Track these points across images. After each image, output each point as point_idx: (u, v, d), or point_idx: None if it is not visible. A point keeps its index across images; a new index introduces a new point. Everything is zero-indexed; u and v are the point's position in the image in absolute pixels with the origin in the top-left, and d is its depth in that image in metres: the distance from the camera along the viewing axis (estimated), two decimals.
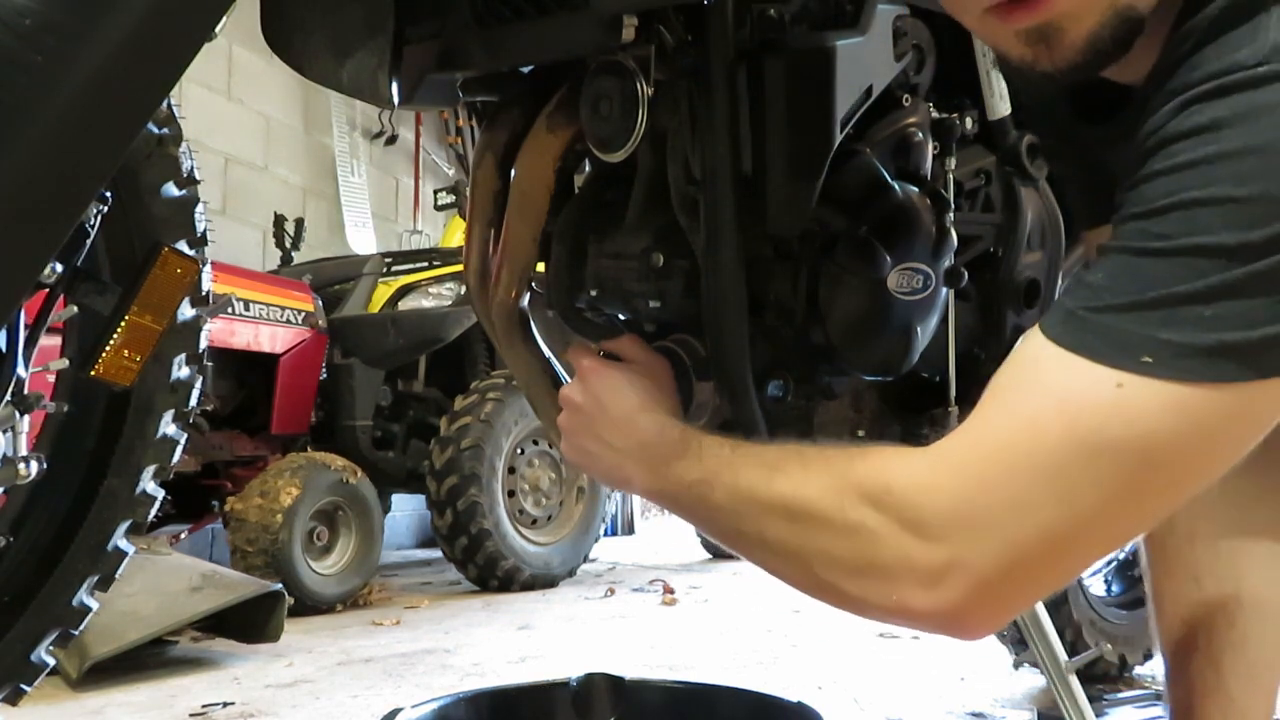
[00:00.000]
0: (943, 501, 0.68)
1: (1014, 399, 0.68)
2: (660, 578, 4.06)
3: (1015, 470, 0.66)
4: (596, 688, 1.19)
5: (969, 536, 0.67)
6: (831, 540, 0.73)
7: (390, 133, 6.01)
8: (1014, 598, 0.70)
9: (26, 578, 1.29)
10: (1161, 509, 0.69)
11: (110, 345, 1.16)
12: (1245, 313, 0.61)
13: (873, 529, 0.71)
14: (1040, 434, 0.66)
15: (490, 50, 1.09)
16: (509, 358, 1.18)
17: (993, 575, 0.67)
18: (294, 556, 3.23)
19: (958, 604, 0.68)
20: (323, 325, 3.91)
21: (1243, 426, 0.65)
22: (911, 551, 0.69)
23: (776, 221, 1.01)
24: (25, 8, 0.73)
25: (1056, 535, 0.66)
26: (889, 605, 0.71)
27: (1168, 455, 0.64)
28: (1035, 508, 0.66)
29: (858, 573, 0.72)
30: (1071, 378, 0.65)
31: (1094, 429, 0.64)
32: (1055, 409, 0.66)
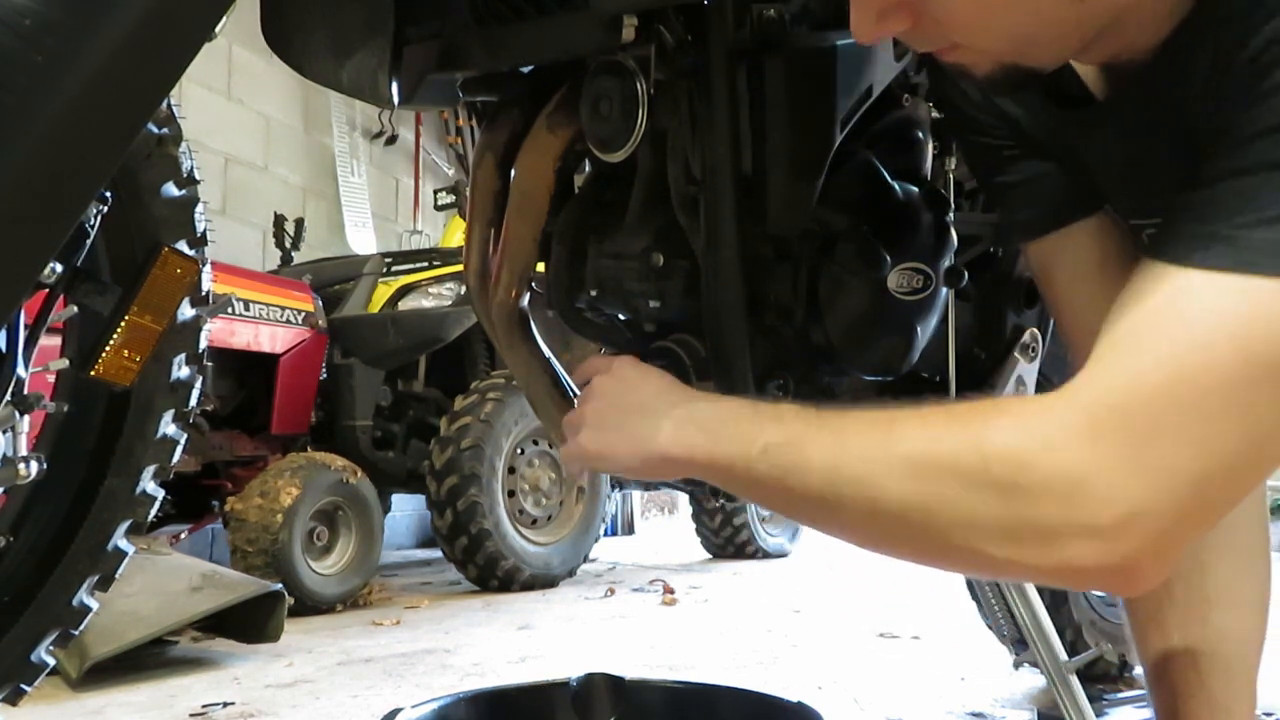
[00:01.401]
0: (1110, 454, 0.64)
1: (1160, 336, 0.64)
2: (660, 578, 4.06)
3: (1189, 406, 0.62)
4: (596, 688, 1.19)
5: (1148, 484, 0.63)
6: (977, 502, 0.67)
7: (390, 133, 6.02)
8: (1192, 535, 0.66)
9: (26, 578, 1.29)
10: None
11: (110, 345, 1.16)
12: None
13: (1028, 488, 0.65)
14: (1211, 362, 0.62)
15: (490, 50, 1.09)
16: (509, 358, 1.18)
17: (1177, 519, 0.64)
18: (294, 556, 3.23)
19: (1137, 554, 0.64)
20: (323, 325, 3.91)
21: None
22: (1080, 510, 0.64)
23: (776, 221, 1.01)
24: (25, 8, 0.73)
25: (1240, 464, 0.63)
26: (1048, 566, 0.66)
27: None
28: (1219, 440, 0.62)
29: (1010, 536, 0.67)
30: (1233, 297, 0.62)
31: (1267, 342, 0.61)
32: (1223, 332, 0.62)
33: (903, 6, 0.75)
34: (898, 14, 0.76)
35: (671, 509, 8.10)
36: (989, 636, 2.11)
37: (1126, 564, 0.65)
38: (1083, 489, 0.64)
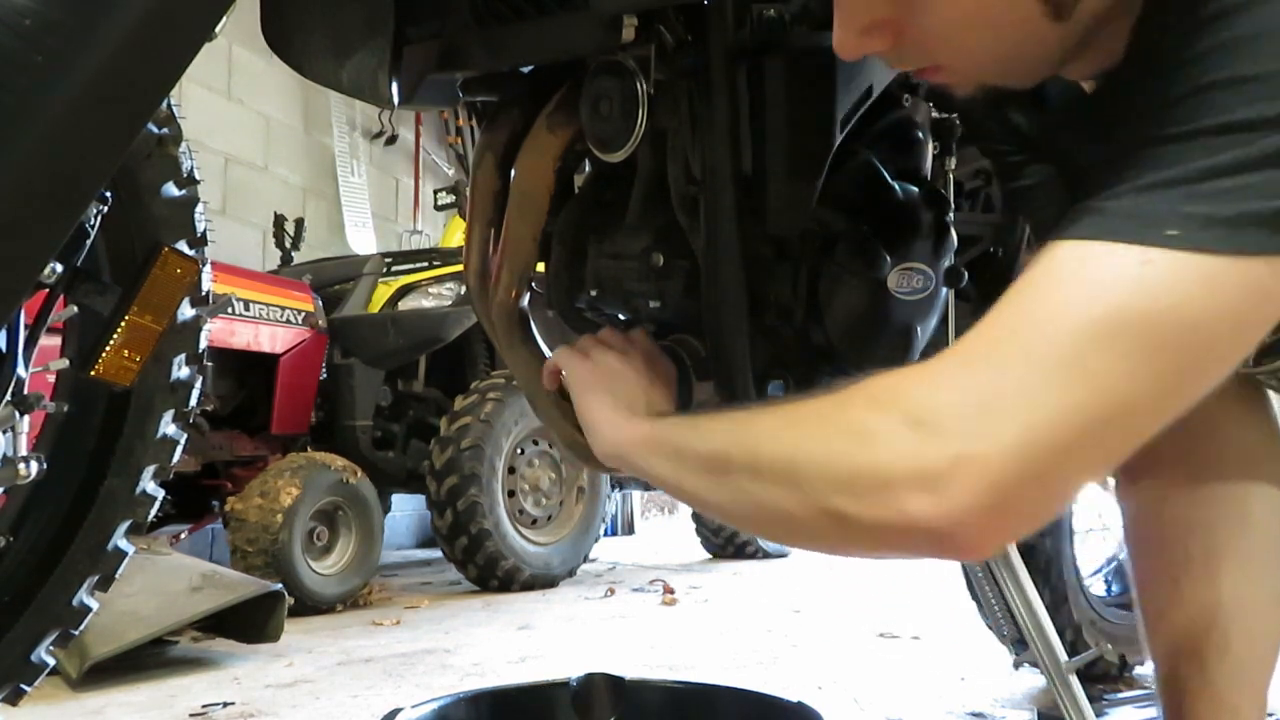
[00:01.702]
0: (951, 392, 0.63)
1: (1028, 295, 0.64)
2: (660, 578, 4.06)
3: (1032, 352, 0.62)
4: (596, 688, 1.19)
5: (980, 425, 0.61)
6: (827, 445, 0.67)
7: (390, 133, 6.02)
8: (1028, 499, 0.63)
9: (26, 578, 1.28)
10: (1185, 393, 0.63)
11: (110, 345, 1.16)
12: (1269, 184, 0.59)
13: (873, 428, 0.65)
14: (1059, 315, 0.62)
15: (490, 50, 1.09)
16: (509, 358, 1.18)
17: (1006, 470, 0.61)
18: (294, 556, 3.23)
19: (965, 506, 0.61)
20: (323, 325, 3.91)
21: (1271, 302, 0.62)
22: (914, 447, 0.63)
23: (776, 221, 1.01)
24: (25, 8, 0.73)
25: (1075, 421, 0.61)
26: (885, 518, 0.64)
27: (1194, 331, 0.61)
28: (1054, 390, 0.61)
29: (852, 481, 0.65)
30: (1092, 262, 0.62)
31: (1118, 305, 0.61)
32: (1076, 291, 0.62)
33: (885, 25, 0.76)
34: (880, 31, 0.76)
35: (671, 509, 8.10)
36: (989, 636, 2.11)
37: (958, 516, 0.62)
38: (920, 425, 0.63)
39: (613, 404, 0.92)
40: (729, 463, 0.75)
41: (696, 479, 0.80)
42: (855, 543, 0.68)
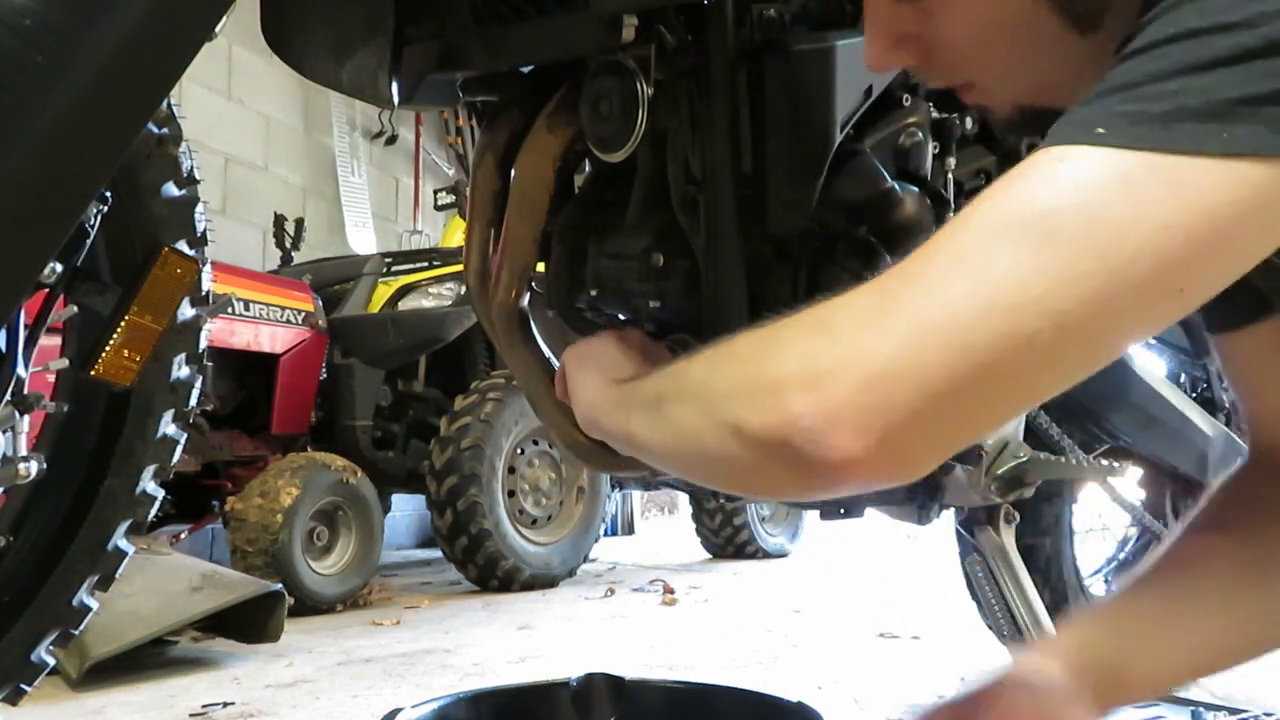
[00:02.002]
0: (860, 295, 0.60)
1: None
2: (660, 578, 4.06)
3: (938, 252, 0.58)
4: (596, 688, 1.19)
5: (873, 322, 0.58)
6: (742, 361, 0.65)
7: (390, 133, 6.02)
8: (911, 400, 0.57)
9: (26, 578, 1.28)
10: (1099, 297, 0.55)
11: (110, 345, 1.16)
12: (1215, 84, 0.54)
13: (782, 337, 0.62)
14: (970, 216, 0.58)
15: (490, 50, 1.09)
16: (509, 358, 1.18)
17: (888, 362, 0.56)
18: (294, 556, 3.23)
19: (842, 401, 0.57)
20: (323, 325, 3.91)
21: (1219, 215, 0.54)
22: (809, 348, 0.60)
23: (776, 221, 1.01)
24: (25, 8, 0.73)
25: (963, 312, 0.55)
26: (770, 422, 0.60)
27: (1102, 226, 0.54)
28: (944, 281, 0.57)
29: (749, 387, 0.62)
30: (1019, 167, 0.58)
31: (1023, 199, 0.56)
32: (991, 194, 0.59)
33: (912, 39, 0.76)
34: (908, 45, 0.77)
35: (671, 509, 8.10)
36: (989, 636, 2.11)
37: (833, 410, 0.57)
38: (819, 332, 0.60)
39: (597, 374, 0.91)
40: (664, 397, 0.73)
41: (640, 422, 0.77)
42: (746, 463, 0.64)
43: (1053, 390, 0.60)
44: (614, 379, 0.88)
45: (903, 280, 0.59)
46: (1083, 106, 0.58)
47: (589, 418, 0.90)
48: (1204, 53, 0.55)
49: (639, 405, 0.78)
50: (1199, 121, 0.54)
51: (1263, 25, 0.54)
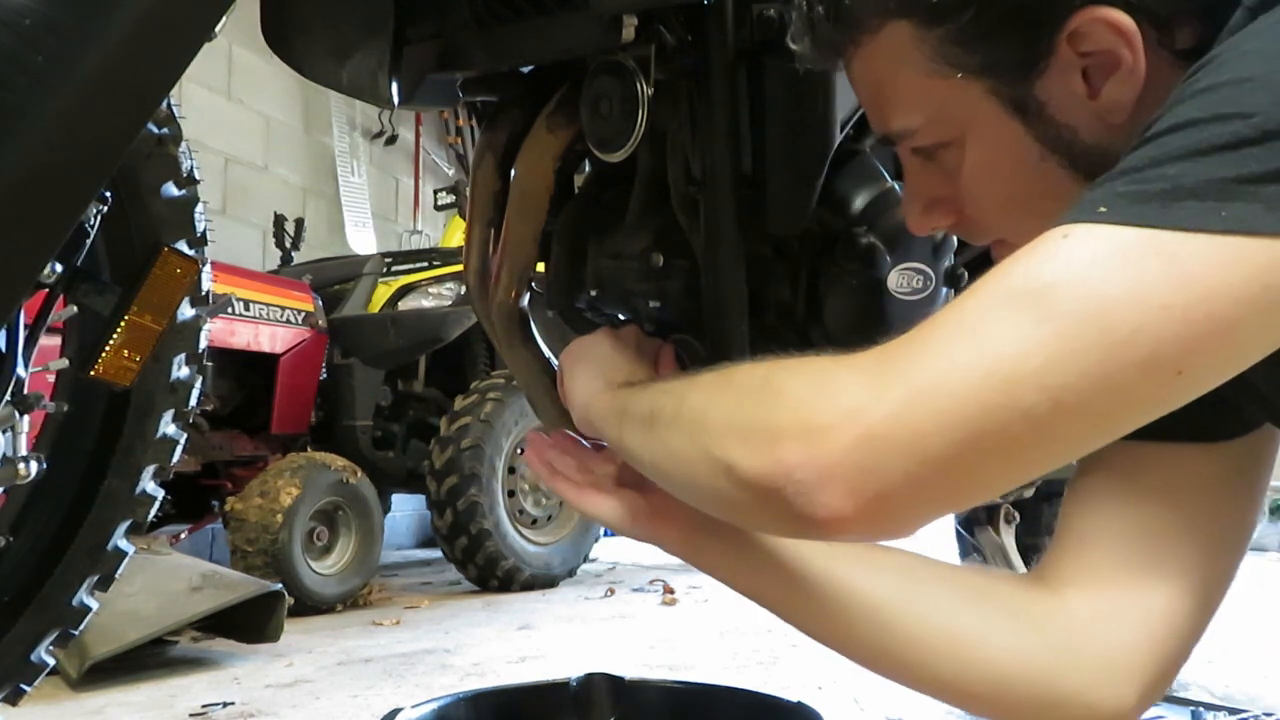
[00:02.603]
0: (861, 356, 0.61)
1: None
2: (660, 578, 4.06)
3: (940, 321, 0.60)
4: (596, 688, 1.19)
5: (873, 382, 0.59)
6: (741, 398, 0.66)
7: (390, 133, 6.02)
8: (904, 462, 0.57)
9: (26, 578, 1.29)
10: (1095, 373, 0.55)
11: (110, 345, 1.16)
12: (1210, 167, 0.55)
13: (784, 386, 0.63)
14: (977, 287, 0.60)
15: (490, 50, 1.09)
16: (509, 358, 1.18)
17: (883, 423, 0.57)
18: (294, 556, 3.23)
19: (835, 459, 0.58)
20: (323, 325, 3.91)
21: (1194, 293, 0.54)
22: (809, 400, 0.60)
23: (776, 221, 1.01)
24: (25, 8, 0.73)
25: (960, 380, 0.56)
26: (762, 467, 0.61)
27: (1100, 303, 0.55)
28: (945, 349, 0.58)
29: (745, 429, 0.63)
30: (1028, 245, 0.60)
31: (1027, 275, 0.57)
32: (1000, 270, 0.59)
33: (945, 202, 0.80)
34: (941, 208, 0.80)
35: None
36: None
37: (825, 465, 0.58)
38: (821, 386, 0.61)
39: (593, 376, 0.91)
40: (658, 416, 0.74)
41: (633, 435, 0.78)
42: (735, 500, 0.65)
43: (1047, 465, 0.60)
44: (610, 381, 0.89)
45: (907, 345, 0.60)
46: (1089, 191, 0.60)
47: (584, 419, 0.90)
48: (1202, 139, 0.56)
49: (633, 418, 0.79)
50: (1198, 200, 0.55)
51: (1257, 115, 0.55)
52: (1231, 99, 0.57)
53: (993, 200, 0.78)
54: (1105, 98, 0.71)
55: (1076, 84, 0.71)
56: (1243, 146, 0.55)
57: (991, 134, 0.74)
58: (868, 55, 0.77)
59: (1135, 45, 0.68)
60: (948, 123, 0.76)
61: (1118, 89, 0.70)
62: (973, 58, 0.72)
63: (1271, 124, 0.55)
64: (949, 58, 0.73)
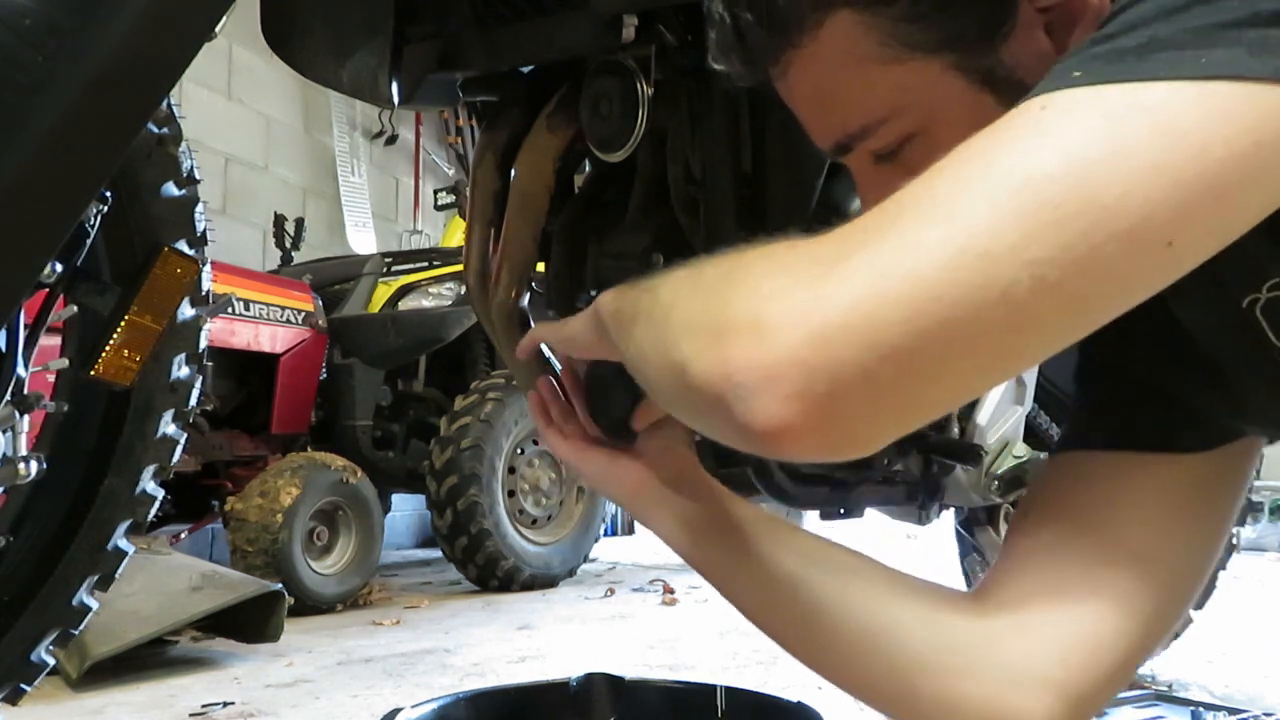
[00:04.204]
0: (824, 244, 0.54)
1: None
2: (660, 578, 4.06)
3: (906, 201, 0.54)
4: (596, 688, 1.19)
5: (830, 272, 0.52)
6: (705, 292, 0.59)
7: (390, 133, 6.02)
8: (854, 354, 0.51)
9: (26, 577, 1.28)
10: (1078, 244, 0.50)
11: (110, 345, 1.16)
12: (1188, 17, 0.51)
13: (744, 274, 0.57)
14: (945, 163, 0.55)
15: (490, 50, 1.09)
16: (509, 358, 1.19)
17: (840, 314, 0.50)
18: (294, 556, 3.23)
19: (784, 353, 0.51)
20: (323, 325, 3.91)
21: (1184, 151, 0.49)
22: (763, 292, 0.54)
23: (776, 221, 1.01)
24: (25, 8, 0.73)
25: (934, 267, 0.50)
26: (709, 367, 0.55)
27: (1085, 170, 0.50)
28: (917, 230, 0.51)
29: (699, 325, 0.57)
30: (999, 120, 0.55)
31: (1001, 144, 0.53)
32: (970, 143, 0.55)
33: None
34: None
35: None
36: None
37: (772, 360, 0.52)
38: (777, 278, 0.55)
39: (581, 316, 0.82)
40: (636, 315, 0.67)
41: (621, 337, 0.71)
42: (690, 404, 0.59)
43: (1020, 360, 0.55)
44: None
45: (873, 222, 0.54)
46: (1061, 61, 0.55)
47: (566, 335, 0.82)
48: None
49: (625, 318, 0.70)
50: (1176, 49, 0.50)
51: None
52: None
53: None
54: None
55: (1041, 41, 0.66)
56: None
57: (961, 114, 0.67)
58: (809, 57, 0.70)
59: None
60: (910, 112, 0.69)
61: (1085, 38, 0.63)
62: (930, 33, 0.66)
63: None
64: (903, 38, 0.67)
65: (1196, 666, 2.38)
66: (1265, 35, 0.50)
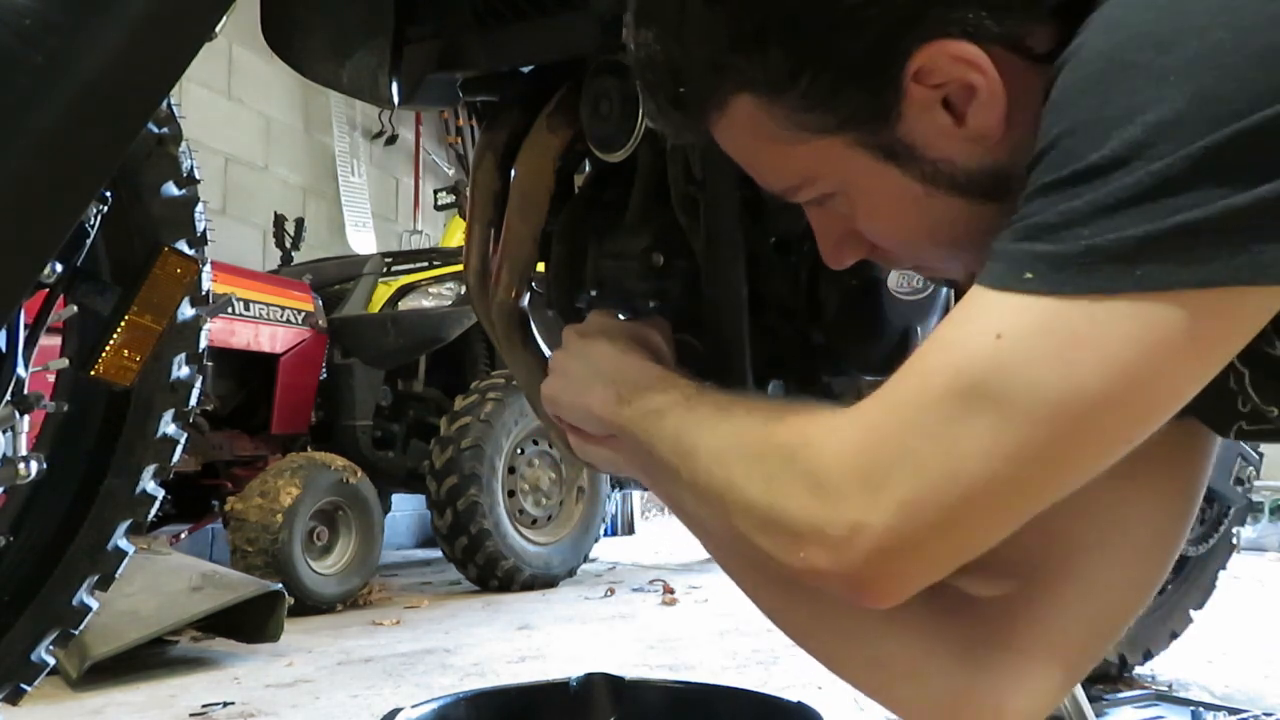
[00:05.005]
0: (846, 459, 0.65)
1: (925, 349, 0.66)
2: (660, 578, 4.06)
3: (911, 419, 0.63)
4: (596, 688, 1.19)
5: (865, 496, 0.64)
6: (750, 489, 0.71)
7: (390, 133, 6.02)
8: (913, 564, 0.66)
9: (26, 577, 1.29)
10: (1068, 459, 0.62)
11: (110, 345, 1.16)
12: (1120, 223, 0.57)
13: (785, 484, 0.68)
14: (934, 377, 0.63)
15: (490, 50, 1.09)
16: (509, 358, 1.18)
17: (889, 539, 0.64)
18: (294, 556, 3.23)
19: (858, 568, 0.65)
20: (323, 325, 3.91)
21: (1165, 347, 0.57)
22: (816, 511, 0.66)
23: (777, 221, 1.01)
24: (25, 8, 0.73)
25: (950, 493, 0.62)
26: (796, 564, 0.68)
27: (1052, 410, 0.59)
28: (926, 461, 0.62)
29: (768, 526, 0.69)
30: (960, 312, 0.63)
31: (974, 372, 0.61)
32: (947, 350, 0.63)
33: (852, 235, 0.79)
34: (851, 242, 0.80)
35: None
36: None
37: (855, 575, 0.66)
38: (820, 490, 0.66)
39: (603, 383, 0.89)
40: (677, 476, 0.78)
41: (649, 480, 0.86)
42: (779, 571, 0.72)
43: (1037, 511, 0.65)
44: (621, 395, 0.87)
45: (879, 450, 0.64)
46: (1009, 242, 0.62)
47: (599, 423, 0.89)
48: (1108, 194, 0.57)
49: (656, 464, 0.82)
50: (1112, 264, 0.57)
51: (1155, 156, 0.56)
52: (1117, 131, 0.57)
53: (893, 238, 0.77)
54: (972, 124, 0.69)
55: (940, 117, 0.70)
56: (1146, 200, 0.56)
57: (869, 183, 0.73)
58: (724, 127, 0.76)
59: (985, 68, 0.67)
60: (823, 179, 0.75)
61: (982, 113, 0.69)
62: (825, 118, 0.71)
63: (1173, 170, 0.56)
64: (800, 124, 0.71)
65: (1196, 666, 2.38)
66: (1192, 243, 0.56)
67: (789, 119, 0.71)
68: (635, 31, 0.75)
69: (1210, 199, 0.55)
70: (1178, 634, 2.21)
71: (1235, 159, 0.55)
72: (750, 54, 0.70)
